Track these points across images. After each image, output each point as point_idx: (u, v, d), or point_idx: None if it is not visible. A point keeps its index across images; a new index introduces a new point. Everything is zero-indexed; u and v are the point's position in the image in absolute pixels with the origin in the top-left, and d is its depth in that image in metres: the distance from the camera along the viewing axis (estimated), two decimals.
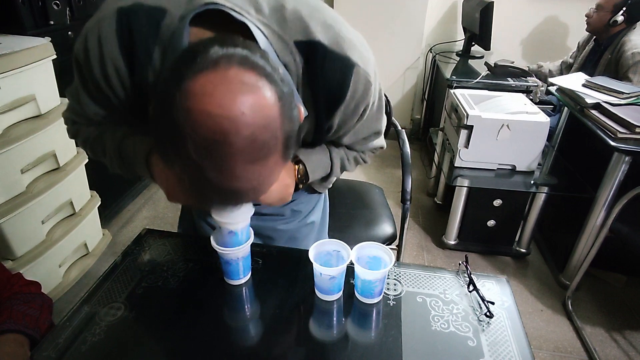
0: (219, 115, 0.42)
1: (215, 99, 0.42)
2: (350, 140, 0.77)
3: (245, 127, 0.43)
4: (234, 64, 0.44)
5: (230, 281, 0.77)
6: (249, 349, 0.67)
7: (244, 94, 0.43)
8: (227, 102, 0.42)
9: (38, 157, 1.46)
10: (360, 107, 0.66)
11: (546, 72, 2.50)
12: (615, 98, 1.67)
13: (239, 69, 0.44)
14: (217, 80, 0.43)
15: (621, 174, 1.52)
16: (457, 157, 1.76)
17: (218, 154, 0.43)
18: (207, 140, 0.43)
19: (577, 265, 1.70)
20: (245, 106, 0.43)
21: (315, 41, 0.58)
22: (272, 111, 0.45)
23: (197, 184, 0.47)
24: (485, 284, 0.79)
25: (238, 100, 0.42)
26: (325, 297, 0.74)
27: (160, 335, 0.69)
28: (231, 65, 0.43)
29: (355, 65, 0.61)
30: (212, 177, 0.45)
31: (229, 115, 0.42)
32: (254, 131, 0.43)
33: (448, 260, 1.98)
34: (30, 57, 1.37)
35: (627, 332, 1.61)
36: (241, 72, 0.44)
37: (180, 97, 0.43)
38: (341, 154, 0.80)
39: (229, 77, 0.43)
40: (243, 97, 0.43)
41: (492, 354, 0.65)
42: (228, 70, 0.43)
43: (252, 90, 0.43)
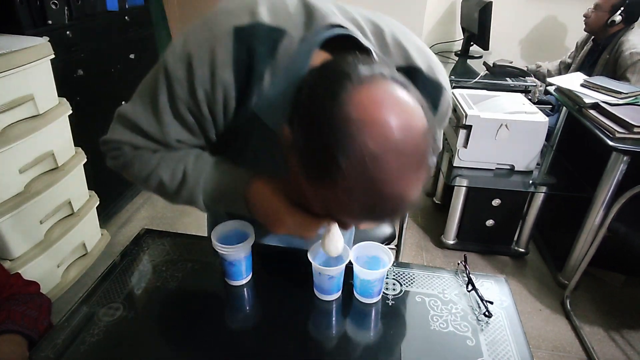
0: (391, 124, 0.43)
1: (386, 109, 0.43)
2: None
3: (415, 135, 0.45)
4: (387, 79, 0.46)
5: (232, 282, 0.77)
6: (248, 349, 0.67)
7: (406, 105, 0.45)
8: (396, 112, 0.44)
9: (36, 156, 1.46)
10: (441, 124, 0.70)
11: (545, 72, 2.51)
12: (614, 98, 1.68)
13: (391, 83, 0.46)
14: (382, 92, 0.45)
15: (619, 173, 1.52)
16: (456, 157, 1.76)
17: (388, 160, 0.43)
18: (381, 146, 0.43)
19: (576, 265, 1.71)
20: (409, 116, 0.45)
21: (415, 67, 0.62)
22: (424, 121, 0.47)
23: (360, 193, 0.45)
24: (484, 284, 0.79)
25: (403, 110, 0.44)
26: (324, 297, 0.74)
27: (159, 336, 0.69)
28: (386, 80, 0.46)
29: (444, 88, 0.65)
30: (379, 183, 0.44)
31: (398, 124, 0.43)
32: (420, 138, 0.45)
33: (447, 260, 1.98)
34: (28, 56, 1.37)
35: (625, 331, 1.61)
36: (393, 85, 0.46)
37: (350, 109, 0.43)
38: None
39: (389, 90, 0.45)
40: (406, 107, 0.45)
41: (490, 354, 0.65)
42: (385, 84, 0.45)
43: (410, 100, 0.46)
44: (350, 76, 0.45)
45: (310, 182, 0.48)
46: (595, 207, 1.62)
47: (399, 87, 0.46)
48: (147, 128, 0.61)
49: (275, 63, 0.56)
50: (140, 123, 0.60)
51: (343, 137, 0.43)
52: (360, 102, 0.43)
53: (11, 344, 0.76)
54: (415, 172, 0.46)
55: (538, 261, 2.00)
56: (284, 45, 0.55)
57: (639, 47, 1.98)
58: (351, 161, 0.43)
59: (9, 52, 1.30)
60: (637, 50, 1.97)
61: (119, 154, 0.65)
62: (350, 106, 0.43)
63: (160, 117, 0.59)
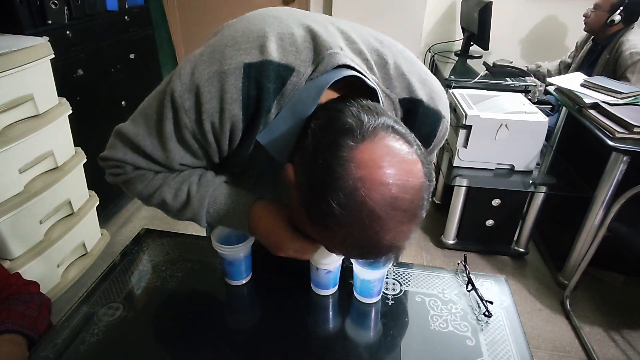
0: (390, 183, 0.46)
1: (385, 168, 0.46)
2: None
3: (411, 192, 0.47)
4: (389, 133, 0.49)
5: (232, 282, 0.77)
6: (248, 348, 0.67)
7: (405, 162, 0.48)
8: (396, 169, 0.47)
9: (36, 156, 1.46)
10: (435, 150, 0.73)
11: (544, 72, 2.50)
12: (614, 98, 1.68)
13: (393, 138, 0.49)
14: (382, 150, 0.47)
15: (619, 173, 1.52)
16: (455, 157, 1.76)
17: (385, 215, 0.47)
18: (379, 203, 0.46)
19: (575, 265, 1.71)
20: (408, 173, 0.47)
21: (417, 99, 0.63)
22: (422, 173, 0.49)
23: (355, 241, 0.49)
24: (484, 284, 0.79)
25: (405, 169, 0.47)
26: (321, 292, 0.74)
27: (158, 335, 0.69)
28: (388, 134, 0.49)
29: (443, 118, 0.67)
30: (374, 234, 0.48)
31: (398, 182, 0.46)
32: (413, 194, 0.48)
33: (447, 259, 1.98)
34: (28, 56, 1.37)
35: (625, 331, 1.61)
36: (395, 140, 0.49)
37: (351, 167, 0.46)
38: None
39: (390, 146, 0.48)
40: (405, 165, 0.48)
41: (490, 354, 0.65)
42: (386, 139, 0.48)
43: (410, 157, 0.48)
44: (353, 132, 0.48)
45: (309, 221, 0.51)
46: (595, 207, 1.62)
47: (400, 139, 0.49)
48: (150, 152, 0.61)
49: (282, 98, 0.57)
50: (144, 146, 0.60)
51: (343, 192, 0.46)
52: (362, 160, 0.46)
53: (11, 344, 0.75)
54: (408, 224, 0.49)
55: (538, 261, 2.00)
56: (292, 82, 0.57)
57: (639, 47, 1.98)
58: (349, 214, 0.47)
59: (8, 52, 1.29)
60: (637, 50, 1.97)
61: (120, 172, 0.65)
62: (352, 163, 0.46)
63: (165, 144, 0.59)
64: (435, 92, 0.66)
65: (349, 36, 0.62)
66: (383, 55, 0.62)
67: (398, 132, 0.50)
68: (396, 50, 0.64)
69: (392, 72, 0.62)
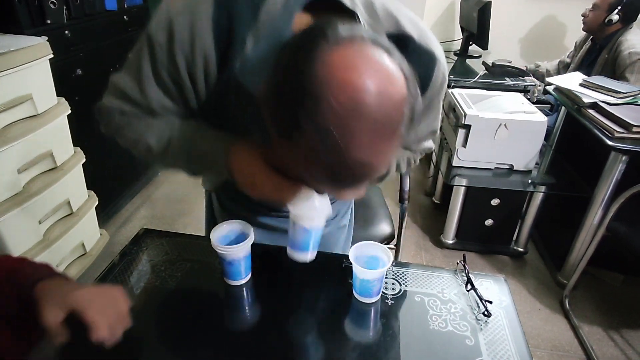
0: (361, 86, 0.41)
1: (358, 70, 0.42)
2: (411, 137, 0.75)
3: (384, 101, 0.42)
4: (368, 42, 0.44)
5: (231, 282, 0.77)
6: (247, 348, 0.67)
7: (383, 69, 0.43)
8: (369, 75, 0.42)
9: (35, 156, 1.45)
10: (434, 102, 0.67)
11: (544, 72, 2.51)
12: (613, 97, 1.68)
13: (372, 46, 0.44)
14: (358, 54, 0.43)
15: (618, 173, 1.52)
16: (455, 157, 1.76)
17: (354, 124, 0.42)
18: (347, 109, 0.41)
19: (575, 264, 1.71)
20: (384, 81, 0.42)
21: (406, 34, 0.60)
22: (403, 89, 0.45)
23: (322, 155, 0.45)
24: (483, 283, 0.79)
25: (379, 74, 0.42)
26: (295, 255, 0.68)
27: (158, 335, 0.69)
28: (365, 42, 0.44)
29: (438, 60, 0.63)
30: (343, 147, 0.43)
31: (370, 88, 0.41)
32: (390, 106, 0.43)
33: (446, 259, 1.98)
34: (27, 56, 1.36)
35: (624, 331, 1.61)
36: (375, 49, 0.44)
37: (319, 67, 0.42)
38: (398, 155, 0.78)
39: (367, 52, 0.43)
40: (383, 72, 0.43)
41: (489, 353, 0.65)
42: (364, 46, 0.43)
43: (389, 65, 0.44)
44: (327, 36, 0.43)
45: (279, 139, 0.47)
46: (594, 207, 1.62)
47: (381, 50, 0.44)
48: (131, 94, 0.62)
49: (257, 27, 0.55)
50: (126, 89, 0.62)
51: (309, 95, 0.41)
52: (333, 61, 0.42)
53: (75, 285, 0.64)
54: (382, 141, 0.44)
55: (537, 261, 2.00)
56: (266, 9, 0.55)
57: (637, 47, 1.98)
58: (315, 120, 0.42)
59: (7, 51, 1.29)
60: (636, 50, 1.97)
61: (109, 121, 0.67)
62: (322, 65, 0.42)
63: (143, 84, 0.61)
64: (427, 33, 0.63)
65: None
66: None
67: (380, 44, 0.45)
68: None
69: (379, 8, 0.59)
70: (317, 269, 0.81)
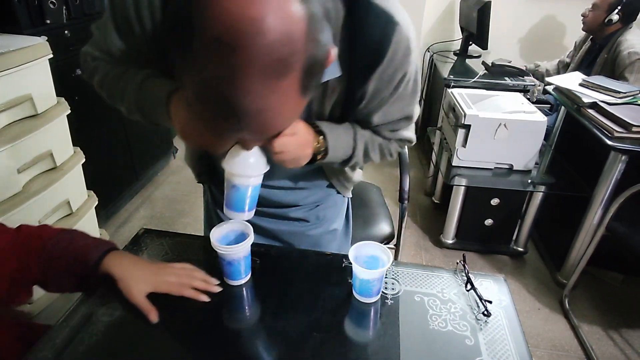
0: (238, 15, 0.38)
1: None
2: (379, 119, 0.71)
3: (265, 33, 0.39)
4: None
5: (231, 282, 0.76)
6: (246, 348, 0.67)
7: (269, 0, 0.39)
8: (249, 2, 0.39)
9: (35, 156, 1.45)
10: (397, 74, 0.62)
11: (543, 72, 2.51)
12: (612, 97, 1.68)
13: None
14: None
15: (618, 172, 1.52)
16: (454, 157, 1.76)
17: (230, 58, 0.39)
18: (221, 40, 0.39)
19: (574, 264, 1.71)
20: (268, 11, 0.39)
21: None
22: (297, 26, 0.41)
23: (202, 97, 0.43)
24: (483, 283, 0.79)
25: (261, 3, 0.39)
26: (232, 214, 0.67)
27: (157, 335, 0.69)
28: None
29: (398, 24, 0.58)
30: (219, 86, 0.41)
31: (248, 17, 0.38)
32: (274, 41, 0.40)
33: (446, 259, 1.98)
34: (26, 56, 1.36)
35: (624, 330, 1.61)
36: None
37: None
38: (366, 138, 0.74)
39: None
40: (267, 2, 0.39)
41: (489, 353, 0.65)
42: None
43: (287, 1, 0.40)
44: None
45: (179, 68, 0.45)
46: (594, 207, 1.62)
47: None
48: (98, 40, 0.69)
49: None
50: (95, 36, 0.69)
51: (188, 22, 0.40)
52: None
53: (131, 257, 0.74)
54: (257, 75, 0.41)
55: (537, 260, 2.00)
56: None
57: (637, 47, 1.98)
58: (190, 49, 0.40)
59: (6, 51, 1.29)
60: (635, 50, 1.97)
61: (85, 66, 0.74)
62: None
63: (105, 30, 0.66)
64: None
65: None
66: None
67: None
68: None
69: None
70: (316, 269, 0.81)
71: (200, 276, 0.74)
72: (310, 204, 0.90)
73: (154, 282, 0.71)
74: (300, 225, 0.91)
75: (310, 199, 0.89)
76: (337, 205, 0.95)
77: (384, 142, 0.77)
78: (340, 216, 0.97)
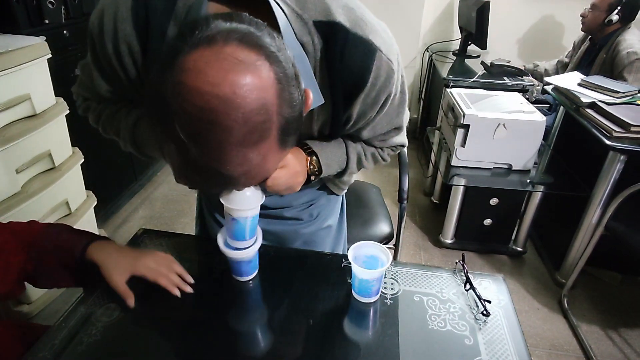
0: (209, 93, 0.40)
1: (206, 76, 0.40)
2: (369, 134, 0.73)
3: (236, 108, 0.41)
4: (232, 41, 0.42)
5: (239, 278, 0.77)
6: (246, 348, 0.67)
7: (237, 72, 0.41)
8: (218, 79, 0.40)
9: (33, 157, 1.45)
10: (381, 96, 0.62)
11: (542, 72, 2.51)
12: (611, 97, 1.68)
13: (237, 46, 0.42)
14: (212, 57, 0.41)
15: (616, 172, 1.53)
16: (453, 156, 1.76)
17: (206, 134, 0.42)
18: (195, 119, 0.41)
19: (573, 264, 1.71)
20: (237, 86, 0.41)
21: (336, 22, 0.56)
22: (268, 93, 0.43)
23: (186, 165, 0.45)
24: (482, 283, 0.79)
25: (230, 79, 0.41)
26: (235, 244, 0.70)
27: (156, 336, 0.69)
28: (229, 42, 0.42)
29: (378, 50, 0.58)
30: (200, 159, 0.43)
31: (219, 94, 0.40)
32: (246, 113, 0.41)
33: (445, 259, 1.98)
34: (25, 56, 1.36)
35: (623, 330, 1.62)
36: (239, 49, 0.42)
37: (172, 72, 0.42)
38: (358, 149, 0.76)
39: (224, 53, 0.41)
40: (236, 76, 0.41)
41: (488, 353, 0.65)
42: (225, 47, 0.42)
43: (247, 69, 0.42)
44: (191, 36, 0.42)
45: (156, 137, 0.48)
46: (593, 206, 1.63)
47: (247, 49, 0.42)
48: (86, 83, 0.71)
49: (176, 18, 0.56)
50: (83, 77, 0.72)
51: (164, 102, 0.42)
52: (185, 67, 0.41)
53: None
54: (238, 149, 0.43)
55: (535, 260, 2.00)
56: (182, 0, 0.55)
57: (635, 47, 1.99)
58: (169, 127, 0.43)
59: (5, 51, 1.29)
60: (634, 50, 1.98)
61: (79, 105, 0.77)
62: (176, 71, 0.42)
63: (89, 73, 0.67)
64: (366, 23, 0.58)
65: None
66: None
67: (252, 42, 0.43)
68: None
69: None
70: (315, 269, 0.81)
71: (179, 270, 0.76)
72: (304, 203, 0.90)
73: (134, 265, 0.73)
74: (294, 224, 0.91)
75: (303, 199, 0.89)
76: (331, 203, 0.95)
77: (376, 150, 0.80)
78: (335, 213, 0.98)
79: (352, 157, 0.75)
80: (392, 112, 0.70)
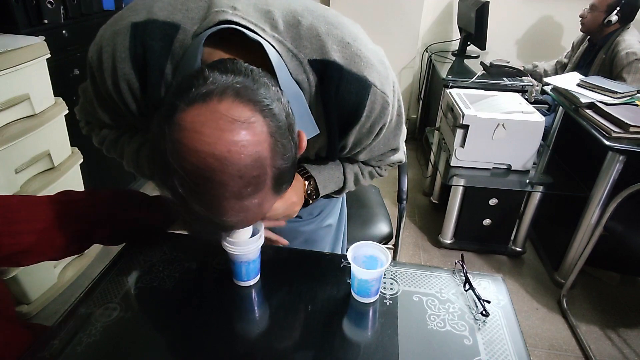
0: (205, 152, 0.42)
1: (203, 136, 0.42)
2: (365, 157, 0.75)
3: (232, 165, 0.43)
4: (228, 97, 0.44)
5: (241, 283, 0.76)
6: (245, 348, 0.67)
7: (232, 131, 0.43)
8: (214, 139, 0.42)
9: (32, 156, 1.45)
10: (375, 127, 0.64)
11: (541, 72, 2.51)
12: (610, 98, 1.69)
13: (232, 103, 0.44)
14: (207, 115, 0.43)
15: (615, 172, 1.53)
16: (453, 157, 1.76)
17: (204, 190, 0.44)
18: (193, 176, 0.43)
19: (572, 264, 1.72)
20: (232, 143, 0.43)
21: (331, 61, 0.57)
22: (262, 147, 0.45)
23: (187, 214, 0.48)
24: (481, 283, 0.80)
25: (225, 138, 0.43)
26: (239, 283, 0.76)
27: (155, 336, 0.69)
28: (224, 99, 0.44)
29: (372, 85, 0.59)
30: (199, 211, 0.46)
31: (215, 153, 0.42)
32: (241, 168, 0.44)
33: (444, 259, 1.99)
34: (24, 56, 1.36)
35: (621, 330, 1.62)
36: (234, 106, 0.44)
37: (171, 129, 0.44)
38: (355, 170, 0.79)
39: (219, 111, 0.43)
40: (231, 135, 0.43)
41: (488, 353, 0.65)
42: (220, 104, 0.43)
43: (241, 126, 0.43)
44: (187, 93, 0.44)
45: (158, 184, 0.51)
46: (592, 207, 1.63)
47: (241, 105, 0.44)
48: (88, 109, 0.72)
49: (174, 57, 0.57)
50: (85, 105, 0.73)
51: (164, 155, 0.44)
52: (183, 124, 0.43)
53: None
54: (231, 199, 0.45)
55: (535, 260, 2.01)
56: (179, 40, 0.56)
57: (634, 47, 1.99)
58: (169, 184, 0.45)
59: (4, 51, 1.29)
60: (633, 50, 1.98)
61: (82, 126, 0.80)
62: (175, 127, 0.43)
63: (92, 102, 0.68)
64: (361, 58, 0.58)
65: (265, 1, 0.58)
66: (299, 16, 0.57)
67: (247, 96, 0.44)
68: (322, 17, 0.59)
69: (304, 32, 0.57)
70: (315, 269, 0.81)
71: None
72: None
73: None
74: (294, 221, 0.91)
75: None
76: (332, 202, 0.96)
77: (374, 168, 0.82)
78: (335, 212, 0.98)
79: (349, 177, 0.78)
80: (388, 137, 0.72)
